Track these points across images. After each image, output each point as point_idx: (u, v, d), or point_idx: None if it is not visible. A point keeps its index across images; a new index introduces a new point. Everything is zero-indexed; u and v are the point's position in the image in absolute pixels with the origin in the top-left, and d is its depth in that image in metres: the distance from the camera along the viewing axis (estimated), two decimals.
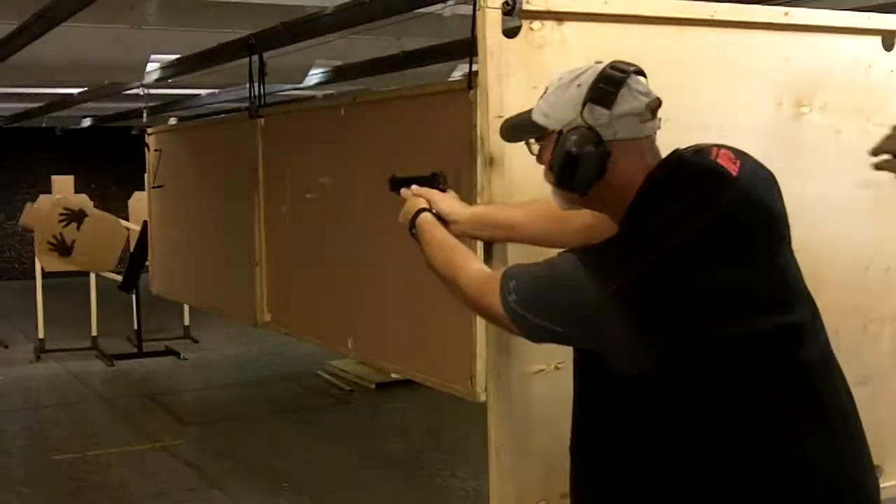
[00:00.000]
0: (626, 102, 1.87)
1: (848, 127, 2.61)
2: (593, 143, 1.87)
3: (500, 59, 2.26)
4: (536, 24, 2.28)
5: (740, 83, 2.51)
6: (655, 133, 1.94)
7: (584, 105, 1.89)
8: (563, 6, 2.31)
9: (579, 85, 1.91)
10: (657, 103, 1.91)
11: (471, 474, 5.85)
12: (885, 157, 1.80)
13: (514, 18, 2.25)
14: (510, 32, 2.25)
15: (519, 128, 2.06)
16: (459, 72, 7.71)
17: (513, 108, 2.25)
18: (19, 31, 5.40)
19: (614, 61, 1.94)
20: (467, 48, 3.43)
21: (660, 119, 1.94)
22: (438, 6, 5.00)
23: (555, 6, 2.30)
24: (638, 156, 1.90)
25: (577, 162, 1.88)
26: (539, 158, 2.00)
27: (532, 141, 2.02)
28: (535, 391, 2.34)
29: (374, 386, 8.05)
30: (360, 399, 7.91)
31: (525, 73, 2.29)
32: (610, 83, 1.88)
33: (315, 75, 8.11)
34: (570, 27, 2.31)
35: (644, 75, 1.95)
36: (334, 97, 8.77)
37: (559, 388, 2.15)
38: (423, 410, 7.38)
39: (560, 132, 1.91)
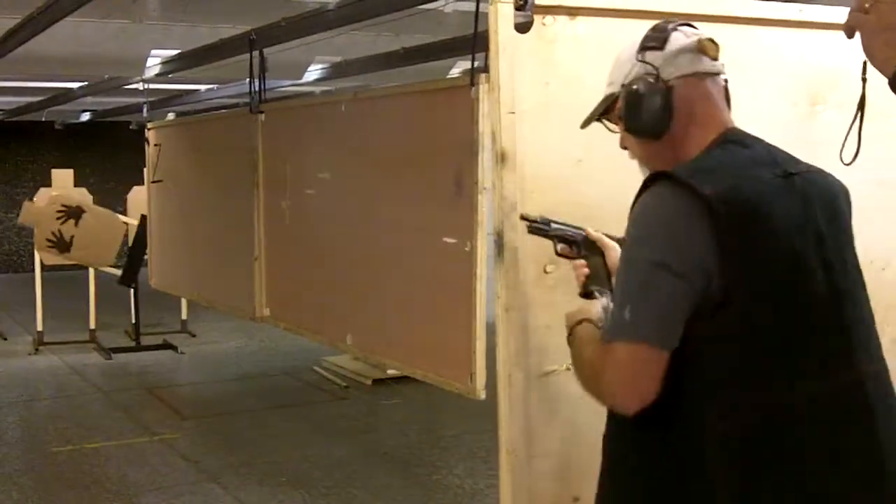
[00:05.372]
0: (678, 41, 1.91)
1: (866, 124, 2.60)
2: (653, 78, 1.89)
3: (511, 54, 2.25)
4: (549, 20, 2.26)
5: (754, 81, 2.49)
6: (721, 77, 1.94)
7: (638, 54, 1.93)
8: (576, 1, 2.30)
9: (633, 46, 1.95)
10: (714, 45, 1.91)
11: (467, 472, 5.87)
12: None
13: (527, 13, 2.23)
14: (522, 27, 2.23)
15: (592, 113, 2.06)
16: (458, 68, 7.72)
17: (525, 104, 2.24)
18: (22, 26, 5.41)
19: (659, 21, 1.98)
20: (467, 44, 3.45)
21: (722, 64, 1.94)
22: (440, 2, 5.02)
23: (568, 1, 2.29)
24: (707, 95, 1.91)
25: (641, 100, 1.89)
26: (621, 140, 2.01)
27: (608, 123, 2.03)
28: (546, 392, 2.31)
29: (370, 382, 8.06)
30: (357, 395, 7.92)
31: (537, 69, 2.28)
32: (659, 30, 1.93)
33: (314, 71, 8.13)
34: (582, 22, 2.31)
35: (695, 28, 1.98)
36: (334, 93, 8.79)
37: (571, 390, 2.11)
38: (419, 407, 7.40)
39: (623, 87, 1.95)
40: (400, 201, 3.84)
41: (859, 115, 1.88)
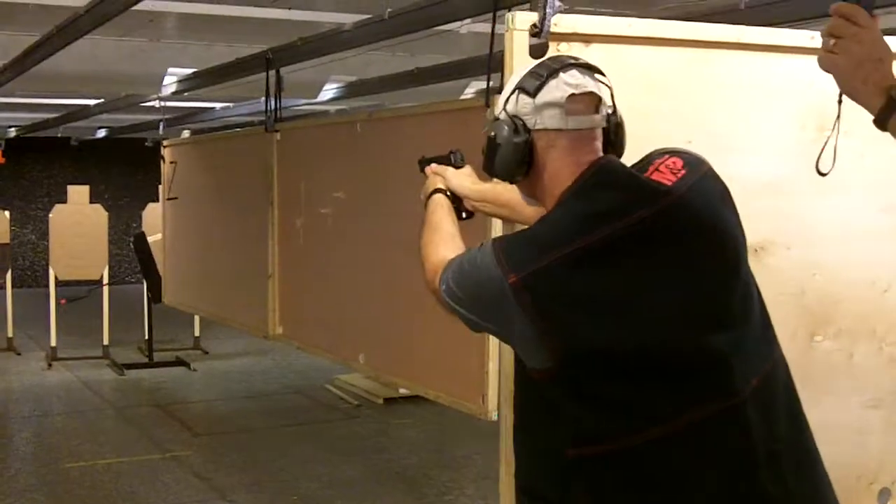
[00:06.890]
0: (550, 93, 1.86)
1: (872, 151, 2.59)
2: (513, 130, 1.88)
3: None
4: (563, 46, 2.26)
5: (764, 105, 2.50)
6: (596, 129, 1.89)
7: (512, 93, 1.91)
8: (590, 28, 2.31)
9: (519, 75, 1.93)
10: (591, 98, 1.87)
11: (479, 493, 5.85)
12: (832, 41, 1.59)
13: (542, 40, 2.24)
14: (537, 53, 2.23)
15: (488, 121, 2.08)
16: (472, 88, 7.75)
17: None
18: (41, 43, 5.45)
19: (558, 55, 1.95)
20: (482, 65, 3.47)
21: (605, 116, 1.90)
22: (455, 24, 5.04)
23: (582, 28, 2.29)
24: (567, 150, 1.86)
25: (496, 148, 1.90)
26: None
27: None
28: None
29: (381, 401, 8.07)
30: (369, 414, 7.92)
31: None
32: (539, 73, 1.88)
33: (329, 90, 8.16)
34: (597, 49, 2.30)
35: (601, 73, 1.91)
36: (349, 113, 8.82)
37: None
38: (431, 427, 7.39)
39: (496, 119, 1.94)
40: (414, 221, 3.84)
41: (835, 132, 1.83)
